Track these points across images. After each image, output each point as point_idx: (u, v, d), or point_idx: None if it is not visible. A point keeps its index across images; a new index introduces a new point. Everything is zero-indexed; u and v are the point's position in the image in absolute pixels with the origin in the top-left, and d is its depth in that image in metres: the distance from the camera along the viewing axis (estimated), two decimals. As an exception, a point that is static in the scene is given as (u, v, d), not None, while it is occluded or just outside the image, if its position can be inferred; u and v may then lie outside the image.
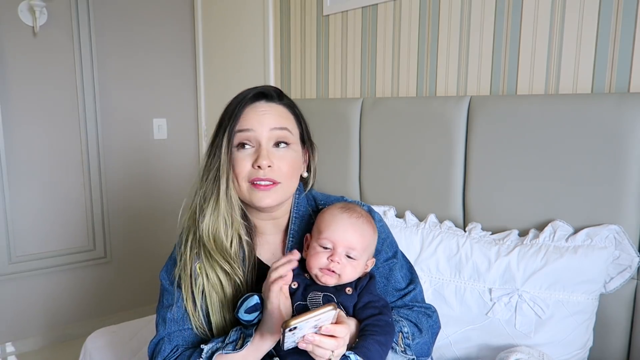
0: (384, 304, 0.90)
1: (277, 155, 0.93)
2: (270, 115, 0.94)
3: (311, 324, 0.73)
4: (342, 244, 0.88)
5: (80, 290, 2.57)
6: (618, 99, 1.13)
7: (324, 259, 0.87)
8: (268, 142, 0.93)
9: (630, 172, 1.12)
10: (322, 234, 0.89)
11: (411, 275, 1.04)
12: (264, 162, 0.90)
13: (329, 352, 0.75)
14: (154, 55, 2.66)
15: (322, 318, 0.73)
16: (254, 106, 0.95)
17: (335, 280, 0.88)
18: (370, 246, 0.92)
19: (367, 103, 1.69)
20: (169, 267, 1.01)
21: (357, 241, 0.89)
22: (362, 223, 0.91)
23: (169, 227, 2.78)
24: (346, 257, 0.88)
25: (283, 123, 0.95)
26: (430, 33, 1.61)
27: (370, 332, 0.83)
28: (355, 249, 0.88)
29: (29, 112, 2.31)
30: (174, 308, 0.95)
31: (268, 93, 0.97)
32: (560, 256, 1.15)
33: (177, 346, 0.94)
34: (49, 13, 2.29)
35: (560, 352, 1.14)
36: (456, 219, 1.45)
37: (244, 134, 0.93)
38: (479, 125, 1.36)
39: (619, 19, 1.19)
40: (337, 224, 0.89)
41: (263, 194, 0.92)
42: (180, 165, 2.82)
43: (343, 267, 0.87)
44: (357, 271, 0.90)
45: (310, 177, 1.05)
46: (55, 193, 2.42)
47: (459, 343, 1.25)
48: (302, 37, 2.11)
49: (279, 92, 0.99)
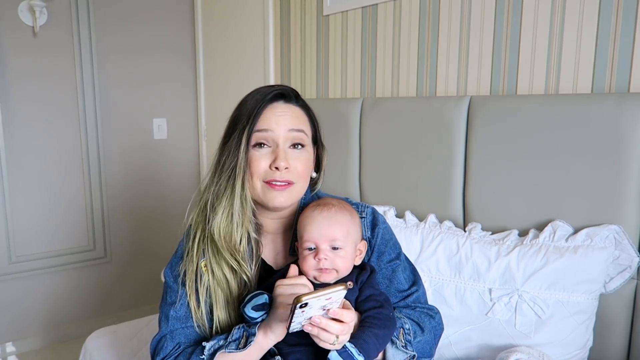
0: (385, 298, 0.91)
1: (293, 156, 0.94)
2: (288, 116, 0.95)
3: (321, 303, 0.73)
4: (322, 240, 0.88)
5: (80, 290, 2.57)
6: (618, 99, 1.13)
7: (312, 260, 0.88)
8: (285, 143, 0.93)
9: (630, 172, 1.12)
10: (303, 238, 0.90)
11: (414, 277, 1.04)
12: (282, 164, 0.91)
13: (333, 337, 0.76)
14: (154, 55, 2.66)
15: (333, 297, 0.73)
16: (272, 106, 0.95)
17: (334, 275, 0.88)
18: (352, 230, 0.92)
19: (367, 103, 1.69)
20: (174, 264, 1.01)
21: (335, 231, 0.89)
22: (335, 212, 0.91)
23: (169, 227, 2.78)
24: (332, 250, 0.88)
25: (300, 125, 0.96)
26: (430, 33, 1.61)
27: (369, 325, 0.84)
28: (336, 239, 0.88)
29: (29, 112, 2.31)
30: (177, 305, 0.95)
31: (286, 94, 0.97)
32: (560, 256, 1.15)
33: (179, 343, 0.94)
34: (49, 13, 2.29)
35: (560, 352, 1.14)
36: (456, 219, 1.45)
37: (262, 134, 0.93)
38: (479, 125, 1.36)
39: (619, 19, 1.19)
40: (312, 223, 0.90)
41: (277, 193, 0.93)
42: (180, 165, 2.82)
43: (332, 261, 0.88)
44: (349, 259, 0.90)
45: (319, 177, 1.06)
46: (55, 193, 2.42)
47: (459, 343, 1.25)
48: (302, 37, 2.11)
49: (296, 93, 1.00)
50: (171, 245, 2.70)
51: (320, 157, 1.05)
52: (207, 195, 0.96)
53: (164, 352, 0.94)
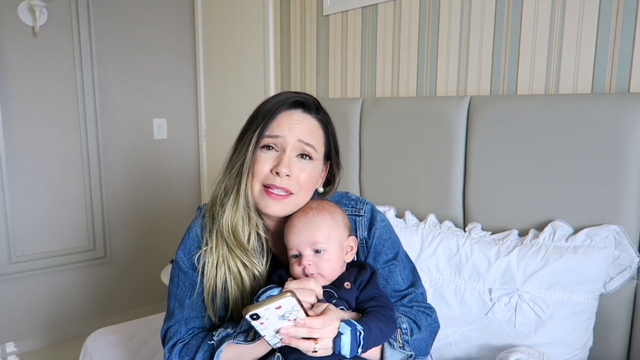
0: (388, 302, 0.91)
1: (298, 166, 0.93)
2: (302, 126, 0.94)
3: (277, 313, 0.73)
4: (304, 246, 0.88)
5: (80, 290, 2.57)
6: (618, 99, 1.13)
7: (298, 267, 0.88)
8: (292, 151, 0.93)
9: (630, 172, 1.12)
10: (288, 246, 0.91)
11: (413, 277, 1.03)
12: (284, 170, 0.91)
13: (312, 345, 0.76)
14: (154, 55, 2.66)
15: (284, 306, 0.73)
16: (289, 113, 0.95)
17: (323, 279, 0.88)
18: (333, 231, 0.91)
19: (367, 103, 1.69)
20: (188, 249, 1.00)
21: (314, 235, 0.88)
22: (312, 216, 0.91)
23: (169, 227, 2.78)
24: (315, 254, 0.88)
25: (311, 139, 0.94)
26: (430, 33, 1.61)
27: (375, 318, 0.83)
28: (316, 242, 0.88)
29: (29, 112, 2.31)
30: (194, 295, 0.96)
31: (307, 103, 0.96)
32: (560, 256, 1.15)
33: (193, 328, 0.96)
34: (49, 13, 2.29)
35: (560, 352, 1.14)
36: (456, 219, 1.45)
37: (272, 138, 0.93)
38: (479, 125, 1.36)
39: (619, 19, 1.19)
40: (292, 231, 0.90)
41: (273, 201, 0.92)
42: (180, 165, 2.82)
43: (317, 265, 0.87)
44: (334, 260, 0.89)
45: (327, 192, 1.05)
46: (55, 193, 2.42)
47: (459, 343, 1.24)
48: (302, 37, 2.11)
49: (317, 104, 0.99)
50: (172, 245, 2.70)
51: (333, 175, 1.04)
52: (219, 189, 0.97)
53: (178, 336, 0.94)
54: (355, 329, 0.79)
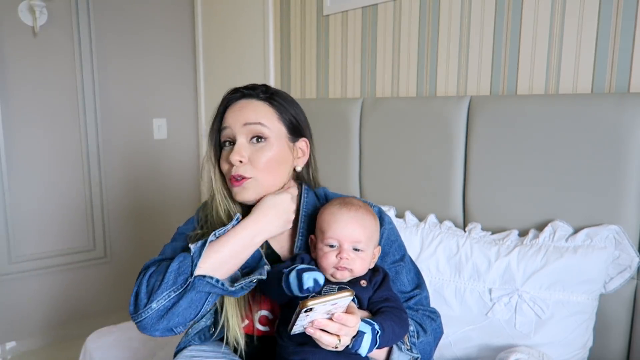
0: (401, 304, 0.92)
1: (253, 150, 0.94)
2: (245, 110, 0.95)
3: (326, 308, 0.73)
4: (347, 240, 0.88)
5: (80, 290, 2.57)
6: (618, 99, 1.13)
7: (333, 257, 0.88)
8: (242, 136, 0.94)
9: (630, 172, 1.12)
10: (326, 234, 0.90)
11: (418, 280, 1.04)
12: (234, 158, 0.93)
13: (335, 340, 0.75)
14: (154, 55, 2.66)
15: (339, 303, 0.74)
16: (234, 104, 0.97)
17: (349, 274, 0.89)
18: (374, 235, 0.93)
19: (367, 103, 1.69)
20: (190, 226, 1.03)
21: (360, 234, 0.89)
22: (362, 214, 0.92)
23: (169, 227, 2.78)
24: (354, 251, 0.89)
25: (257, 118, 0.95)
26: (430, 33, 1.61)
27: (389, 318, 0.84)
28: (360, 241, 0.89)
29: (29, 112, 2.31)
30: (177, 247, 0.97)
31: (246, 91, 0.98)
32: (560, 256, 1.15)
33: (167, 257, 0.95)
34: (49, 13, 2.29)
35: (560, 352, 1.14)
36: (456, 219, 1.45)
37: (224, 132, 0.96)
38: (479, 125, 1.36)
39: (619, 19, 1.19)
40: (338, 221, 0.90)
41: (237, 189, 0.95)
42: (180, 165, 2.82)
43: (353, 262, 0.88)
44: (366, 262, 0.91)
45: (309, 171, 1.05)
46: (55, 193, 2.42)
47: (459, 343, 1.24)
48: (302, 37, 2.11)
49: (264, 88, 1.00)
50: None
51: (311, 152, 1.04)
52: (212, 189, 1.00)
53: (151, 261, 0.93)
54: (374, 329, 0.80)
